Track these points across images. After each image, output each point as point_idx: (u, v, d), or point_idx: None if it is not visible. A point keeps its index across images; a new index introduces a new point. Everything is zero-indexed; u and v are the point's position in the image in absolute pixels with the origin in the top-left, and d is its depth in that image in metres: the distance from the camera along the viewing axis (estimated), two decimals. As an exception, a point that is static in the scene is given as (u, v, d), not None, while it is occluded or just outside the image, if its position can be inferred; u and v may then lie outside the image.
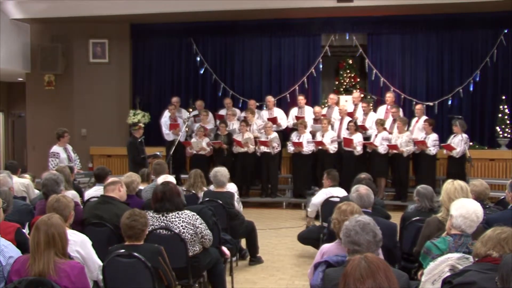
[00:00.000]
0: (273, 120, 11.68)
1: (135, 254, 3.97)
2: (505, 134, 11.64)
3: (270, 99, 12.12)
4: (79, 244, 4.14)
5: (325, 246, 4.00)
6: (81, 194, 6.80)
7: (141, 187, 6.73)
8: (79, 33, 13.27)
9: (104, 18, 12.64)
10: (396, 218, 5.85)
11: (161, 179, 6.01)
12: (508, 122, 11.67)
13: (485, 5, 11.39)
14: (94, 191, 6.65)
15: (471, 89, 12.30)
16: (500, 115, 11.74)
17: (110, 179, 5.76)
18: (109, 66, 13.45)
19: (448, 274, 3.36)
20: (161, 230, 4.70)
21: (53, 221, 3.46)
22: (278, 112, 12.01)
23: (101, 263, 4.16)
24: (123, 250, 4.06)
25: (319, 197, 7.13)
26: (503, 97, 11.88)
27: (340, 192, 7.04)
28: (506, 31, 12.09)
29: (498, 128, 11.70)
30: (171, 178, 6.03)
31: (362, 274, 2.42)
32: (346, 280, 2.47)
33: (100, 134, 13.13)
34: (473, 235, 3.76)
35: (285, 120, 11.99)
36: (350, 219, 3.41)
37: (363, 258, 2.49)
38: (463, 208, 3.84)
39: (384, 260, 2.55)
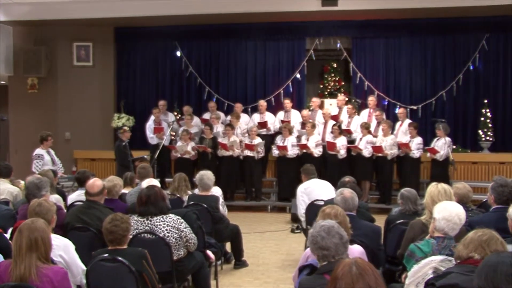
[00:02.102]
0: (264, 124, 11.69)
1: (119, 258, 3.95)
2: (487, 138, 11.73)
3: (263, 103, 12.12)
4: (62, 248, 4.11)
5: (310, 250, 3.99)
6: (65, 198, 6.73)
7: (125, 191, 6.70)
8: (63, 36, 13.17)
9: (88, 21, 12.56)
10: (380, 221, 5.85)
11: (146, 182, 5.98)
12: (490, 125, 11.78)
13: (467, 11, 11.50)
14: (77, 196, 6.58)
15: (454, 93, 12.42)
16: (482, 118, 11.85)
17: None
18: (93, 69, 13.37)
19: (431, 276, 3.38)
20: (146, 234, 4.68)
21: (36, 225, 3.42)
22: (269, 117, 12.01)
23: (84, 268, 4.13)
24: (106, 255, 4.03)
25: (298, 197, 7.17)
26: (485, 101, 11.99)
27: (314, 183, 7.07)
28: (487, 35, 12.23)
29: (480, 132, 11.80)
30: (156, 182, 6.01)
31: (353, 279, 2.43)
32: (336, 284, 2.48)
33: (84, 138, 13.03)
34: (456, 238, 3.78)
35: (273, 125, 11.98)
36: (314, 225, 3.40)
37: (354, 264, 2.49)
38: (445, 211, 3.88)
39: (372, 265, 2.56)
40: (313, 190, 6.99)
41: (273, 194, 11.74)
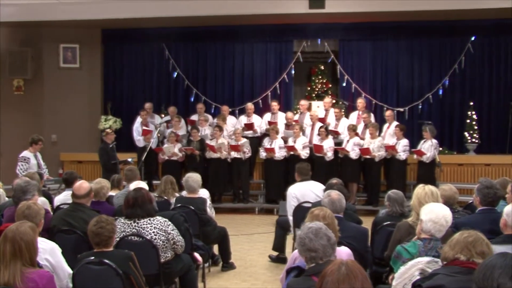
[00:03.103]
0: (250, 126, 11.68)
1: (106, 261, 3.93)
2: (473, 140, 11.83)
3: (250, 106, 12.12)
4: (49, 252, 4.07)
5: (297, 252, 3.97)
6: (51, 201, 6.69)
7: (112, 193, 6.67)
8: (49, 38, 13.07)
9: (75, 22, 12.47)
10: (367, 223, 5.90)
11: (133, 185, 5.95)
12: (476, 127, 11.88)
13: (453, 14, 11.59)
14: (65, 196, 6.55)
15: (440, 95, 12.51)
16: (468, 120, 11.95)
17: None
18: (80, 71, 13.29)
19: (418, 277, 3.39)
20: (133, 237, 4.66)
21: (21, 230, 3.37)
22: (256, 119, 12.00)
23: (71, 271, 4.09)
24: (93, 257, 4.01)
25: (289, 201, 7.09)
26: (471, 103, 12.10)
27: (305, 188, 6.96)
28: (473, 38, 12.34)
29: (466, 134, 11.90)
30: (143, 184, 5.99)
31: (339, 279, 2.44)
32: (323, 281, 2.49)
33: (71, 140, 12.93)
34: (443, 239, 3.80)
35: (260, 127, 11.99)
36: (302, 227, 3.41)
37: (343, 264, 2.49)
38: (432, 212, 3.90)
39: (363, 269, 2.56)
40: (304, 196, 6.89)
41: (260, 196, 11.73)
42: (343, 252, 3.87)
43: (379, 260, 5.10)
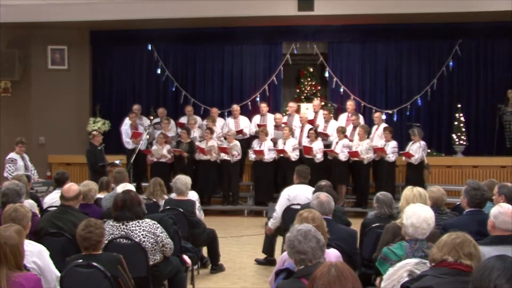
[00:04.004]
0: (240, 132, 11.69)
1: (94, 263, 3.92)
2: (461, 142, 11.90)
3: (236, 107, 12.11)
4: (36, 254, 4.04)
5: (286, 254, 3.93)
6: (39, 203, 6.65)
7: (101, 195, 6.64)
8: (37, 39, 12.98)
9: (63, 24, 12.41)
10: (356, 224, 5.89)
11: (121, 187, 5.93)
12: (463, 129, 11.95)
13: (440, 16, 11.65)
14: (56, 194, 6.49)
15: (429, 97, 12.58)
16: (456, 123, 12.01)
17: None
18: (68, 73, 13.20)
19: (407, 279, 3.40)
20: (121, 239, 4.65)
21: (6, 235, 3.34)
22: (243, 121, 12.01)
23: (58, 274, 4.06)
24: (81, 260, 3.99)
25: (280, 200, 7.02)
26: (459, 106, 12.17)
27: (301, 192, 6.87)
28: (460, 41, 12.43)
29: (454, 136, 11.97)
30: (131, 187, 5.95)
31: (330, 281, 2.44)
32: (313, 284, 2.50)
33: (59, 142, 12.83)
34: (430, 239, 3.83)
35: (249, 128, 12.00)
36: (291, 229, 3.40)
37: (333, 266, 2.50)
38: (413, 217, 3.92)
39: (352, 270, 2.58)
40: (296, 198, 6.82)
41: (249, 198, 11.72)
42: (332, 254, 3.88)
43: (368, 261, 5.11)
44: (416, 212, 3.93)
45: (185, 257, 5.74)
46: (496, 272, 2.28)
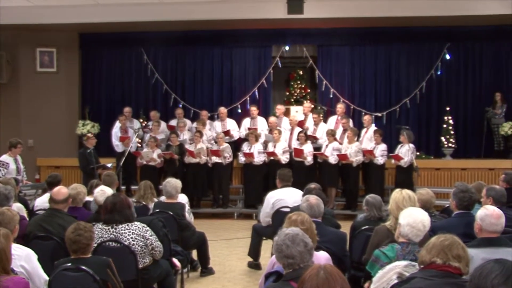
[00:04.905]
0: (227, 133, 11.67)
1: (83, 267, 3.90)
2: (450, 144, 11.95)
3: (223, 110, 12.09)
4: (24, 258, 4.01)
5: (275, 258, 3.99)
6: (27, 207, 6.62)
7: (90, 198, 6.60)
8: (26, 41, 12.91)
9: (52, 26, 12.35)
10: (346, 227, 5.90)
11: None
12: (452, 132, 12.01)
13: (429, 20, 11.72)
14: (47, 197, 6.37)
15: (418, 100, 12.65)
16: (444, 125, 12.07)
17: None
18: (57, 76, 13.15)
19: (396, 281, 3.41)
20: (111, 243, 4.64)
21: None
22: (230, 123, 12.00)
23: (47, 278, 4.04)
24: (70, 264, 3.97)
25: (266, 204, 7.01)
26: (447, 108, 12.25)
27: (285, 195, 6.87)
28: (449, 44, 12.52)
29: (443, 138, 12.02)
30: (108, 190, 5.92)
31: (319, 284, 2.44)
32: (302, 286, 2.50)
33: (48, 145, 12.76)
34: (421, 243, 3.82)
35: (237, 131, 11.99)
36: (279, 233, 3.39)
37: (322, 268, 2.50)
38: (410, 217, 3.93)
39: (341, 272, 2.59)
40: (282, 202, 6.82)
41: (239, 201, 11.68)
42: (322, 257, 3.86)
43: (357, 264, 5.11)
44: (413, 213, 3.97)
45: (175, 260, 5.73)
46: (493, 274, 2.31)
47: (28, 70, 13.03)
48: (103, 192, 5.77)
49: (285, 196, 6.85)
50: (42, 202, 6.54)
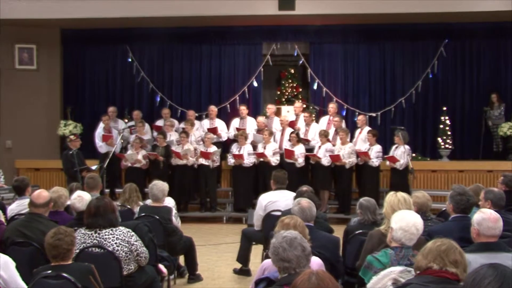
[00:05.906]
0: (213, 130, 11.43)
1: (64, 274, 3.83)
2: (447, 145, 11.85)
3: (213, 108, 11.93)
4: (1, 266, 3.88)
5: (266, 262, 3.93)
6: (4, 211, 6.38)
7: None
8: (4, 37, 12.50)
9: (32, 21, 12.06)
10: (339, 231, 5.87)
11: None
12: (449, 133, 11.90)
13: (425, 17, 11.65)
14: (17, 206, 6.36)
15: (413, 100, 12.57)
16: (441, 126, 11.96)
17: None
18: (38, 73, 12.88)
19: (391, 288, 3.43)
20: (94, 248, 4.59)
21: None
22: (219, 123, 11.83)
23: (25, 287, 3.94)
24: (50, 271, 3.90)
25: (259, 206, 6.95)
26: (444, 108, 12.14)
27: (279, 197, 6.81)
28: (446, 42, 12.42)
29: (439, 139, 11.91)
30: (86, 195, 5.71)
31: None
32: None
33: (28, 146, 12.47)
34: (415, 247, 3.79)
35: (225, 132, 11.81)
36: (276, 235, 3.40)
37: (314, 274, 2.52)
38: (402, 221, 3.88)
39: (334, 278, 2.57)
40: (275, 205, 6.74)
41: (228, 204, 11.51)
42: (314, 263, 3.81)
43: (351, 270, 5.09)
44: (405, 217, 3.91)
45: (161, 266, 5.68)
46: (487, 279, 2.30)
47: (6, 67, 12.68)
48: (80, 198, 5.59)
49: (278, 199, 6.83)
50: (12, 211, 6.29)
